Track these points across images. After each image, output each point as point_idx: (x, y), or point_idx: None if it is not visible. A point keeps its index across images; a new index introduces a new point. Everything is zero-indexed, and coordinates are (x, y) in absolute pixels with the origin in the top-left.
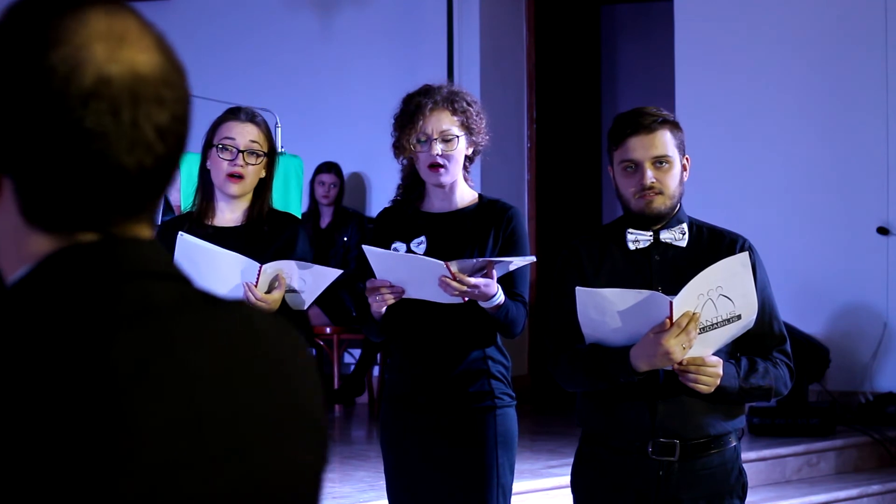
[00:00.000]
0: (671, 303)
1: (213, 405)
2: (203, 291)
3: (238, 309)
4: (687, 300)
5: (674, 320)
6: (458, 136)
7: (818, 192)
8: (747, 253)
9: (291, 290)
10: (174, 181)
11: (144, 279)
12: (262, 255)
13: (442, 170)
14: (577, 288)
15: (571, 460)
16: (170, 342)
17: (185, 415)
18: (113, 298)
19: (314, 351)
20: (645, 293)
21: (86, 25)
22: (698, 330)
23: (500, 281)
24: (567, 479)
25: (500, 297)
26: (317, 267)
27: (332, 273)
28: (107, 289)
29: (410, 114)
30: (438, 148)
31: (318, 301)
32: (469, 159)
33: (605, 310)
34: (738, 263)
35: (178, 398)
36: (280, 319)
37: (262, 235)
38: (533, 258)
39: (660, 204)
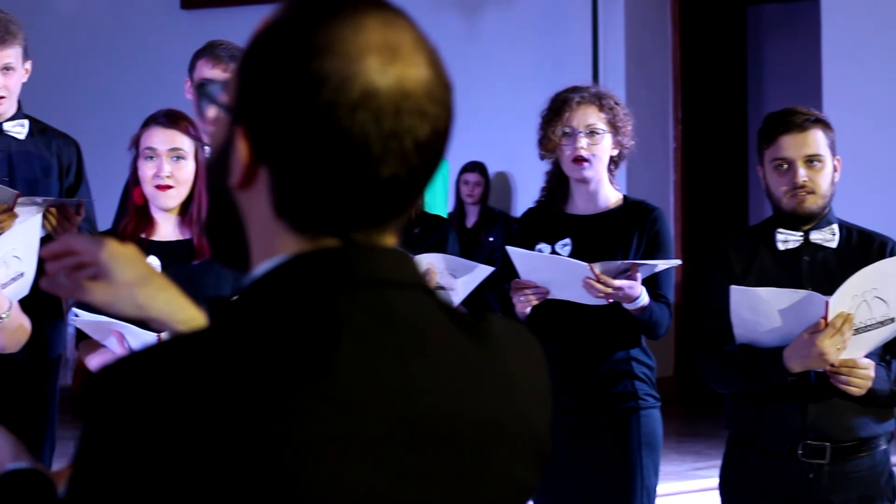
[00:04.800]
0: (827, 303)
1: (436, 418)
2: (446, 303)
3: (479, 321)
4: (842, 301)
5: (828, 321)
6: (603, 132)
7: None
8: None
9: (439, 288)
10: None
11: (383, 288)
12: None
13: (586, 164)
14: (732, 287)
15: (718, 462)
16: (399, 351)
17: (402, 424)
18: (348, 305)
19: None
20: (801, 293)
21: (361, 34)
22: (852, 331)
23: (644, 282)
24: (714, 482)
25: (644, 299)
26: (470, 263)
27: (484, 270)
28: (344, 295)
29: (557, 108)
30: (583, 142)
31: (465, 300)
32: (614, 162)
33: (760, 310)
34: (894, 265)
35: (400, 408)
36: (525, 333)
37: (413, 237)
38: (678, 261)
39: (812, 203)
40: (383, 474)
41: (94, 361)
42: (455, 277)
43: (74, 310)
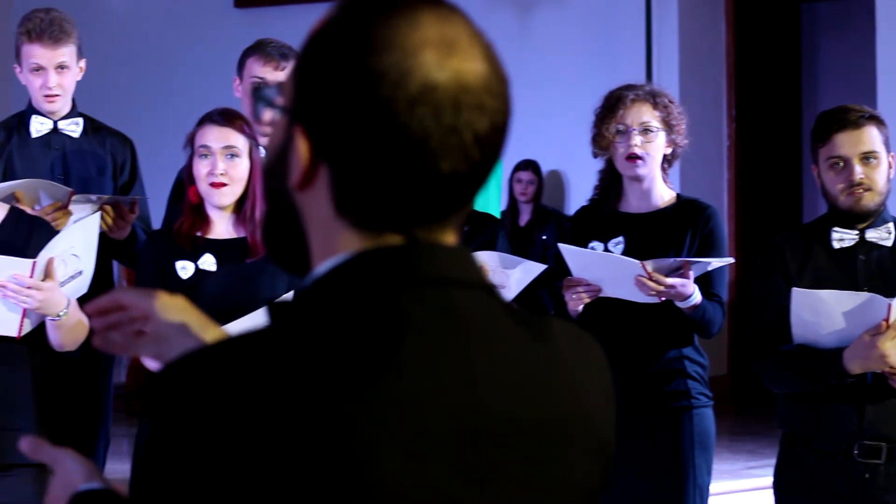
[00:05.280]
0: (890, 305)
1: (497, 416)
2: (508, 303)
3: (541, 321)
4: None
5: (890, 323)
6: (657, 130)
7: None
8: None
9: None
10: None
11: (446, 286)
12: None
13: (639, 161)
14: (794, 289)
15: (772, 461)
16: (462, 350)
17: (466, 422)
18: (412, 303)
19: None
20: (864, 296)
21: (418, 29)
22: None
23: (696, 280)
24: (767, 481)
25: (697, 298)
26: (522, 261)
27: (536, 268)
28: (407, 293)
29: (611, 106)
30: (637, 139)
31: (517, 298)
32: (668, 160)
33: (821, 311)
34: None
35: (464, 406)
36: (586, 336)
37: (462, 235)
38: (731, 259)
39: (869, 200)
40: (447, 471)
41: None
42: (508, 275)
43: None
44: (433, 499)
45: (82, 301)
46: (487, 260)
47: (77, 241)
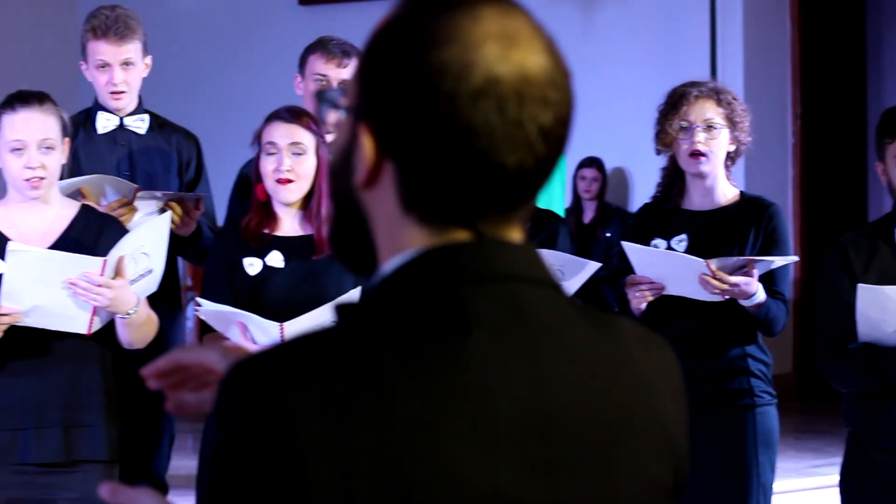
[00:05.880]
0: None
1: (565, 413)
2: (575, 300)
3: (608, 319)
4: None
5: None
6: (721, 127)
7: None
8: None
9: None
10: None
11: (513, 282)
12: None
13: (703, 158)
14: (860, 286)
15: (837, 459)
16: (530, 345)
17: (533, 417)
18: (479, 299)
19: None
20: None
21: (479, 24)
22: None
23: (760, 278)
24: (832, 479)
25: (761, 296)
26: (579, 260)
27: (592, 267)
28: (474, 290)
29: (674, 102)
30: (701, 136)
31: (579, 294)
32: (731, 157)
33: (887, 308)
34: None
35: (531, 401)
36: (655, 336)
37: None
38: (795, 257)
39: None
40: (514, 466)
41: None
42: (563, 274)
43: (198, 299)
44: (499, 492)
45: (151, 298)
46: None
47: (148, 240)
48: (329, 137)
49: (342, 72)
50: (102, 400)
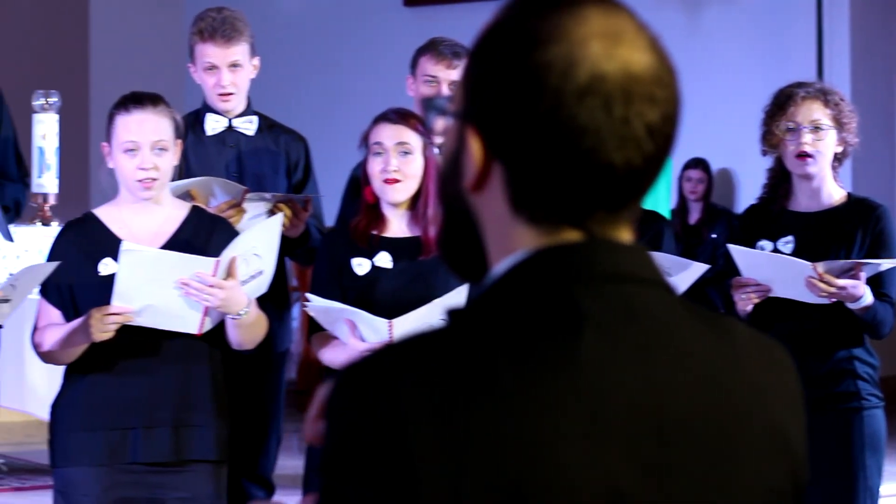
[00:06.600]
0: None
1: (678, 414)
2: (687, 301)
3: (721, 320)
4: None
5: None
6: (828, 128)
7: None
8: None
9: None
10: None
11: (625, 283)
12: None
13: (809, 160)
14: None
15: None
16: (642, 345)
17: (646, 417)
18: (591, 298)
19: None
20: None
21: (583, 23)
22: None
23: (867, 281)
24: None
25: (868, 299)
26: (685, 261)
27: (699, 268)
28: (586, 290)
29: (781, 103)
30: (808, 137)
31: (685, 296)
32: (838, 159)
33: None
34: None
35: (644, 401)
36: (770, 340)
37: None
38: None
39: None
40: (628, 466)
41: (328, 355)
42: (670, 276)
43: (307, 295)
44: (610, 492)
45: (261, 301)
46: None
47: (260, 241)
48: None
49: (452, 73)
50: (211, 400)
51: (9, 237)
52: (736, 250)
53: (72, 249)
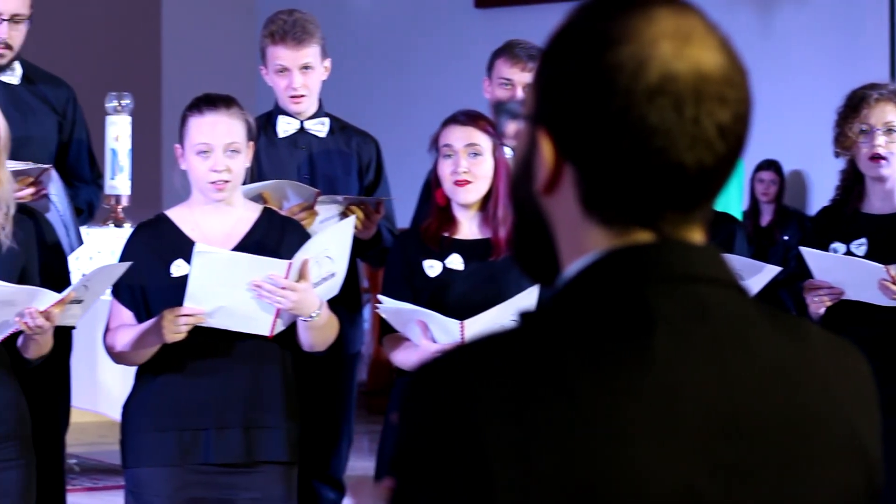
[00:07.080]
0: None
1: (752, 414)
2: (760, 302)
3: (795, 322)
4: None
5: None
6: None
7: None
8: None
9: None
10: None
11: (698, 283)
12: None
13: (883, 161)
14: None
15: None
16: (714, 346)
17: (718, 417)
18: (663, 299)
19: None
20: None
21: (653, 24)
22: None
23: None
24: None
25: None
26: (757, 263)
27: (771, 270)
28: (658, 290)
29: (854, 105)
30: (881, 139)
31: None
32: None
33: None
34: None
35: (718, 401)
36: (846, 343)
37: None
38: None
39: None
40: (702, 466)
41: (400, 357)
42: (742, 278)
43: (379, 297)
44: (684, 492)
45: (332, 302)
46: None
47: (332, 244)
48: (508, 149)
49: (526, 76)
50: (283, 401)
51: (80, 240)
52: (808, 253)
53: (144, 251)
